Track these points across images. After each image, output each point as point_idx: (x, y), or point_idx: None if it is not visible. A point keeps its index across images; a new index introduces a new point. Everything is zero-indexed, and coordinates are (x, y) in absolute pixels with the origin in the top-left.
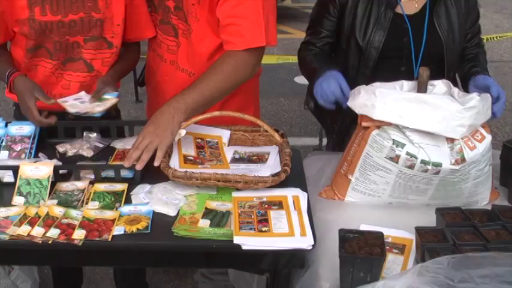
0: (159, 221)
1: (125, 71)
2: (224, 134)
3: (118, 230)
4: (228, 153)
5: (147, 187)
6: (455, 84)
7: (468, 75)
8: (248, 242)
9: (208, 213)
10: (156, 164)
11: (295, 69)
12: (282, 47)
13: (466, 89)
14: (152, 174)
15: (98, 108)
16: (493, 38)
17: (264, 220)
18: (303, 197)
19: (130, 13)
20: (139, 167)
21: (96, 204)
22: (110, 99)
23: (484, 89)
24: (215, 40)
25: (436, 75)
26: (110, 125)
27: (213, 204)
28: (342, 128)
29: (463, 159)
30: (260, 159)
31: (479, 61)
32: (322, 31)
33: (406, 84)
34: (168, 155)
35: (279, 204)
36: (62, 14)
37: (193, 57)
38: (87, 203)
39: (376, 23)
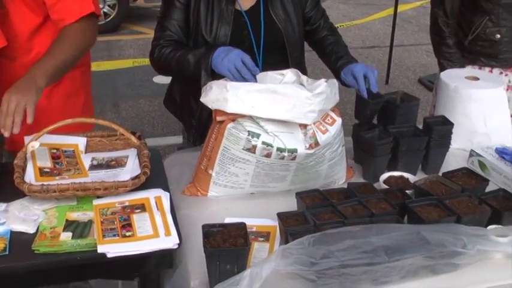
0: (18, 240)
1: None
2: (80, 142)
3: None
4: (86, 160)
5: (2, 206)
6: (303, 68)
7: (337, 69)
8: (112, 249)
9: (69, 225)
10: (29, 120)
11: (153, 69)
12: (137, 48)
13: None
14: (7, 191)
15: None
16: (341, 26)
17: (128, 225)
18: (165, 197)
19: None
20: (16, 130)
21: None
22: None
23: (359, 79)
24: (34, 19)
25: (281, 61)
26: None
27: (74, 215)
28: (200, 122)
29: (317, 143)
30: (119, 163)
31: (340, 48)
32: (173, 21)
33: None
34: (22, 169)
35: (142, 207)
36: None
37: (13, 39)
38: None
39: (220, 18)
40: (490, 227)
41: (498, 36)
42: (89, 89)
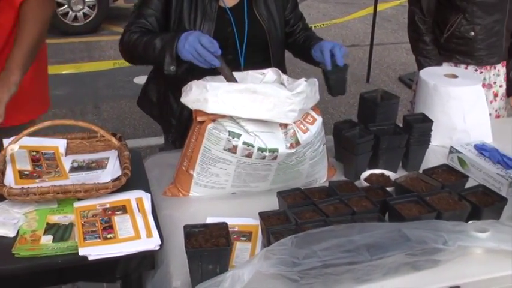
0: None
1: None
2: (60, 144)
3: None
4: (66, 163)
5: None
6: (284, 69)
7: (309, 49)
8: (94, 251)
9: (50, 228)
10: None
11: (134, 70)
12: (117, 49)
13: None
14: None
15: None
16: (321, 25)
17: (109, 227)
18: (146, 198)
19: None
20: None
21: None
22: None
23: (324, 52)
24: None
25: (263, 60)
26: None
27: (55, 218)
28: (181, 121)
29: (298, 143)
30: (99, 165)
31: (311, 36)
32: (150, 11)
33: (235, 75)
34: (1, 172)
35: (123, 209)
36: None
37: None
38: None
39: (204, 14)
40: (469, 222)
41: (472, 34)
42: (46, 74)
